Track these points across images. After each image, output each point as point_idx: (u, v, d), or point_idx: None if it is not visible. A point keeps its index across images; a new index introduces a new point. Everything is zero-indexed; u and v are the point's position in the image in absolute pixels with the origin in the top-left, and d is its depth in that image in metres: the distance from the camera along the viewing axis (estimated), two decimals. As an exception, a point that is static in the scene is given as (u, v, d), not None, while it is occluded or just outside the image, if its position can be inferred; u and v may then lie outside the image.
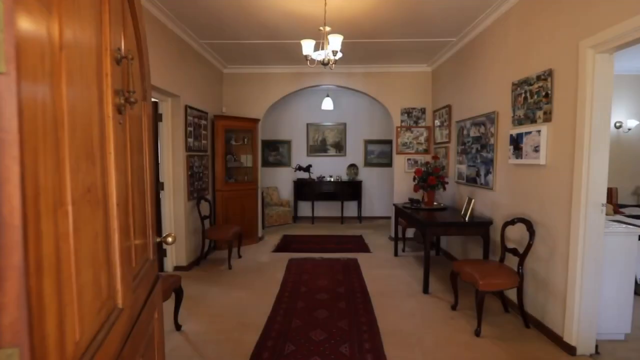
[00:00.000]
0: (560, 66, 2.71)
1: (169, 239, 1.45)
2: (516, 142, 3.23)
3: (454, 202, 4.88)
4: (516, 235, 3.26)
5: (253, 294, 3.70)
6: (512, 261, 3.17)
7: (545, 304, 2.85)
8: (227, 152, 5.75)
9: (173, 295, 2.86)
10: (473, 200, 3.69)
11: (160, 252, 4.33)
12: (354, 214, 8.12)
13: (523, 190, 3.19)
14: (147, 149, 1.37)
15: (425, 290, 3.68)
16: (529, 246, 2.80)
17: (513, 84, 3.32)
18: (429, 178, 4.57)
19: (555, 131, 2.77)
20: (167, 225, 4.35)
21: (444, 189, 4.64)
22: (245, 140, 5.92)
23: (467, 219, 3.68)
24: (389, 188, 8.00)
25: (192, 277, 4.19)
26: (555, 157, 2.77)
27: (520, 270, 2.86)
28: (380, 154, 8.17)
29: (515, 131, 3.25)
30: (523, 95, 3.17)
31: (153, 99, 4.15)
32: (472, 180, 4.25)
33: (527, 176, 3.13)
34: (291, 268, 4.54)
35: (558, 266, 2.71)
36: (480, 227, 3.64)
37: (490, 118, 3.77)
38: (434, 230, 3.65)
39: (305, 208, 8.12)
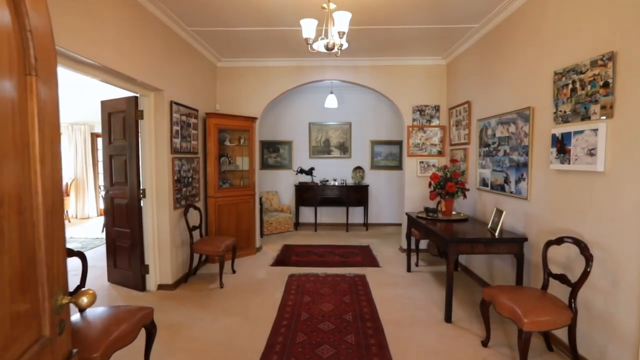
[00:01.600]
0: (626, 47, 2.15)
1: (84, 300, 0.91)
2: (562, 144, 2.66)
3: (474, 212, 4.31)
4: (561, 257, 2.69)
5: (245, 321, 3.16)
6: (556, 288, 2.61)
7: (606, 347, 2.28)
8: (221, 154, 5.22)
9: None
10: (504, 213, 3.12)
11: (142, 269, 3.79)
12: (360, 220, 7.57)
13: (570, 202, 2.63)
14: (38, 152, 0.83)
15: (448, 318, 3.11)
16: (585, 274, 2.24)
17: (555, 74, 2.75)
18: (448, 184, 4.01)
19: (618, 130, 2.20)
20: (150, 238, 3.81)
21: (465, 196, 4.07)
22: (242, 140, 5.38)
23: (497, 234, 3.12)
24: (398, 193, 7.46)
25: (176, 299, 3.65)
26: (619, 163, 2.20)
27: (573, 305, 2.29)
28: (388, 155, 7.60)
29: (559, 130, 2.69)
30: (570, 86, 2.61)
31: (132, 93, 3.63)
32: (498, 188, 3.69)
33: (576, 185, 2.56)
34: (291, 286, 3.99)
35: (624, 301, 2.14)
36: (513, 244, 3.07)
37: (523, 115, 3.21)
38: (458, 247, 3.09)
39: (307, 214, 7.58)
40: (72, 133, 8.16)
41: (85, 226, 7.35)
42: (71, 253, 2.10)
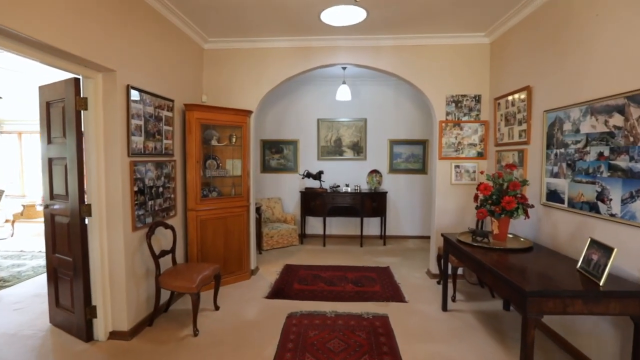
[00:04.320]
0: None
1: None
2: None
3: (537, 235, 3.20)
4: None
5: (216, 405, 2.13)
6: None
7: None
8: (206, 156, 4.23)
9: None
10: (615, 251, 2.01)
11: (87, 312, 2.81)
12: (377, 232, 6.49)
13: None
14: None
15: (523, 411, 2.03)
16: None
17: None
18: (504, 199, 2.92)
19: None
20: (98, 271, 2.82)
21: (527, 216, 2.96)
22: (233, 139, 4.36)
23: (602, 282, 2.02)
24: (421, 201, 6.38)
25: (129, 357, 2.64)
26: None
27: None
28: (410, 157, 6.50)
29: None
30: None
31: (73, 75, 2.64)
32: (585, 206, 2.57)
33: None
34: (289, 335, 2.95)
35: None
36: (630, 300, 1.97)
37: (639, 99, 2.10)
38: (541, 304, 1.99)
39: (315, 224, 6.54)
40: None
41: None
42: None
